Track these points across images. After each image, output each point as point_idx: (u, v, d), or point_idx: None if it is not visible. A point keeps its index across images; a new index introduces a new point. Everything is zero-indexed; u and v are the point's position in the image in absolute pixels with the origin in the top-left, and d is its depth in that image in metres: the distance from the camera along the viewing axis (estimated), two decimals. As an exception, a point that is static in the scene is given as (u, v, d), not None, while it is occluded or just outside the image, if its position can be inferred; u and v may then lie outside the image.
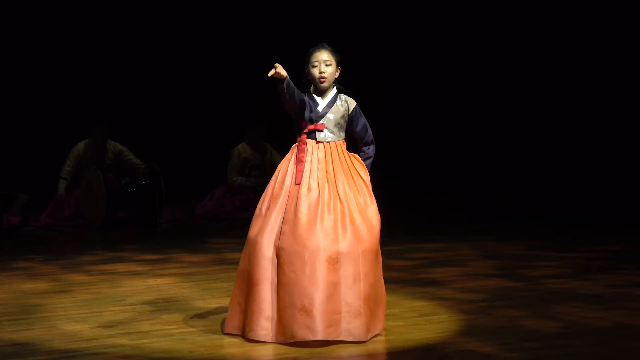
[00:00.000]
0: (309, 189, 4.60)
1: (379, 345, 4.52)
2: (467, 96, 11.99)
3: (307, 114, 4.73)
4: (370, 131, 4.88)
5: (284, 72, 4.54)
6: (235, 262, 7.11)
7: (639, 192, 10.52)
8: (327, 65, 4.71)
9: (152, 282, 6.38)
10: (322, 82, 4.73)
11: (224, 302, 5.56)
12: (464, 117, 12.02)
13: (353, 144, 4.95)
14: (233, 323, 4.67)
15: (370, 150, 4.88)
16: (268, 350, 4.43)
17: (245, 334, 4.57)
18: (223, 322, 4.81)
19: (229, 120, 11.41)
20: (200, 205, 10.46)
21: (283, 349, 4.44)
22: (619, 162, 10.92)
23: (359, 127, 4.84)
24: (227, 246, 8.14)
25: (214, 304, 5.55)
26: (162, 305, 5.53)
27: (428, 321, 5.01)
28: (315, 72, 4.72)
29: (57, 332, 4.85)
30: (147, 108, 11.60)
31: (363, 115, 4.85)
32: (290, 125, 4.84)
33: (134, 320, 5.14)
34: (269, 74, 4.56)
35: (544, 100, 11.54)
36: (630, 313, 5.20)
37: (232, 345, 4.56)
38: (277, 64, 4.53)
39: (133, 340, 4.67)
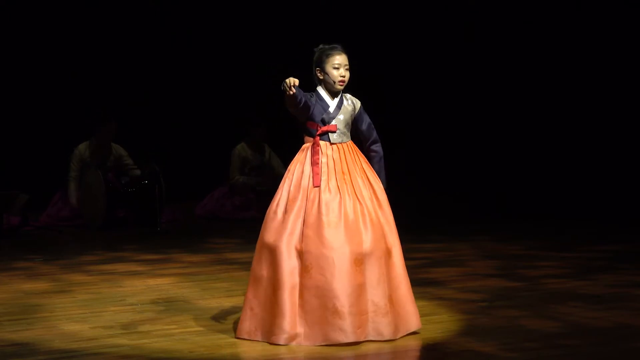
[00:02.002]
0: (329, 190, 4.58)
1: (379, 345, 4.52)
2: (467, 96, 11.99)
3: (318, 115, 4.70)
4: (374, 129, 4.87)
5: (295, 91, 4.48)
6: (236, 262, 7.15)
7: (639, 192, 10.52)
8: (346, 69, 4.72)
9: (152, 282, 6.38)
10: (341, 85, 4.72)
11: (224, 302, 5.57)
12: (464, 117, 12.01)
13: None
14: (244, 327, 4.63)
15: (379, 148, 4.89)
16: (268, 351, 4.43)
17: (266, 339, 4.53)
18: (235, 326, 4.77)
19: (229, 120, 11.41)
20: (200, 205, 10.46)
21: (283, 348, 4.44)
22: (619, 162, 10.92)
23: (365, 126, 4.84)
24: (227, 246, 8.14)
25: (214, 304, 5.55)
26: (162, 305, 5.53)
27: (428, 321, 5.01)
28: (336, 74, 4.69)
29: (57, 332, 4.85)
30: (147, 108, 11.60)
31: (367, 114, 4.86)
32: (289, 126, 4.82)
33: (134, 320, 5.14)
34: (285, 91, 4.49)
35: (544, 100, 11.54)
36: (630, 313, 5.20)
37: (232, 345, 4.56)
38: (293, 84, 4.47)
39: (133, 340, 4.67)
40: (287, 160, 5.03)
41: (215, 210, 10.29)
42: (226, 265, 7.03)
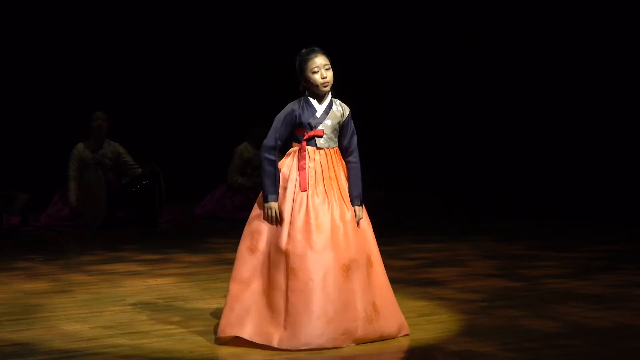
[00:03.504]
0: (317, 195, 4.56)
1: (379, 345, 4.52)
2: (467, 96, 11.99)
3: (305, 120, 4.68)
4: (356, 139, 4.78)
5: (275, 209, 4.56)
6: (235, 262, 7.14)
7: (639, 192, 10.52)
8: (327, 69, 4.64)
9: (152, 282, 6.38)
10: (326, 87, 4.66)
11: (224, 302, 5.55)
12: (464, 117, 12.02)
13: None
14: (227, 328, 4.57)
15: (357, 158, 4.75)
16: (267, 350, 4.43)
17: (255, 340, 4.51)
18: (217, 327, 4.72)
19: (229, 119, 11.42)
20: (201, 205, 10.45)
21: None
22: (619, 162, 10.93)
23: (349, 134, 4.74)
24: (227, 246, 8.13)
25: (214, 304, 5.55)
26: (162, 305, 5.53)
27: (428, 321, 5.01)
28: (317, 78, 4.62)
29: (57, 332, 4.85)
30: (147, 108, 11.59)
31: (353, 123, 4.80)
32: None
33: (134, 320, 5.14)
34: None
35: (544, 100, 11.55)
36: (630, 313, 5.20)
37: (232, 345, 4.55)
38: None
39: (133, 340, 4.67)
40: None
41: (216, 210, 10.29)
42: (226, 265, 7.02)
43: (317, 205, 4.54)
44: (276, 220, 4.54)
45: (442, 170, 12.01)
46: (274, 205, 4.57)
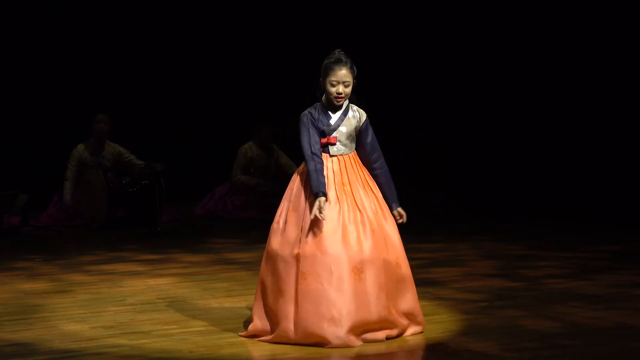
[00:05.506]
0: (329, 201, 4.58)
1: (378, 345, 4.52)
2: (467, 96, 11.98)
3: (319, 126, 4.69)
4: (378, 145, 4.81)
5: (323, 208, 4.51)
6: (236, 262, 7.16)
7: (639, 192, 10.51)
8: (345, 86, 4.66)
9: (152, 282, 6.38)
10: (339, 102, 4.70)
11: (224, 302, 5.57)
12: (464, 117, 12.01)
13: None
14: (250, 329, 4.67)
15: (382, 164, 4.81)
16: (268, 350, 4.43)
17: (272, 340, 4.57)
18: (248, 327, 4.75)
19: (231, 119, 11.41)
20: (201, 204, 10.44)
21: (283, 348, 4.45)
22: (619, 162, 10.92)
23: (369, 139, 4.78)
24: (227, 246, 8.14)
25: (214, 304, 5.56)
26: (162, 305, 5.54)
27: (428, 321, 5.01)
28: (333, 91, 4.65)
29: (57, 332, 4.86)
30: (147, 108, 11.58)
31: (372, 128, 4.82)
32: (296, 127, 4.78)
33: (134, 320, 5.14)
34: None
35: (545, 100, 11.54)
36: (630, 313, 5.20)
37: (232, 345, 4.56)
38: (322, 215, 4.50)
39: (133, 340, 4.67)
40: (295, 160, 5.02)
41: (216, 209, 10.27)
42: (226, 265, 7.04)
43: (328, 211, 4.55)
44: (319, 212, 4.47)
45: (442, 170, 12.00)
46: (321, 199, 4.51)
